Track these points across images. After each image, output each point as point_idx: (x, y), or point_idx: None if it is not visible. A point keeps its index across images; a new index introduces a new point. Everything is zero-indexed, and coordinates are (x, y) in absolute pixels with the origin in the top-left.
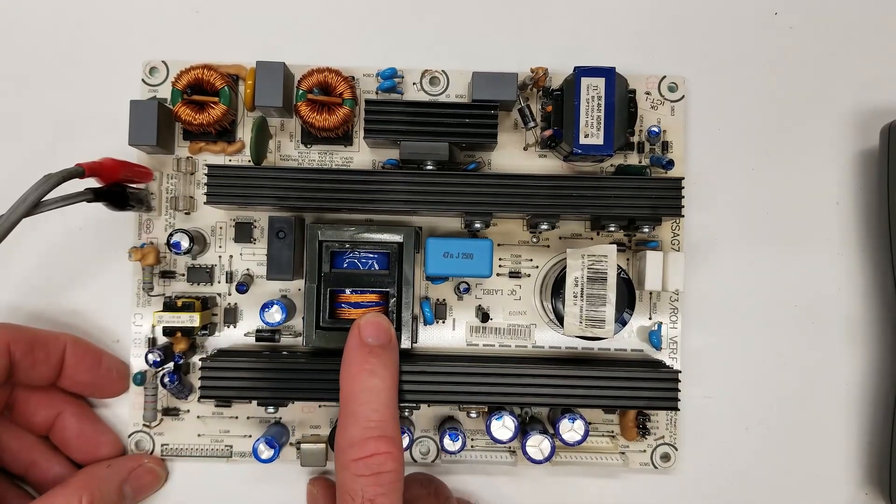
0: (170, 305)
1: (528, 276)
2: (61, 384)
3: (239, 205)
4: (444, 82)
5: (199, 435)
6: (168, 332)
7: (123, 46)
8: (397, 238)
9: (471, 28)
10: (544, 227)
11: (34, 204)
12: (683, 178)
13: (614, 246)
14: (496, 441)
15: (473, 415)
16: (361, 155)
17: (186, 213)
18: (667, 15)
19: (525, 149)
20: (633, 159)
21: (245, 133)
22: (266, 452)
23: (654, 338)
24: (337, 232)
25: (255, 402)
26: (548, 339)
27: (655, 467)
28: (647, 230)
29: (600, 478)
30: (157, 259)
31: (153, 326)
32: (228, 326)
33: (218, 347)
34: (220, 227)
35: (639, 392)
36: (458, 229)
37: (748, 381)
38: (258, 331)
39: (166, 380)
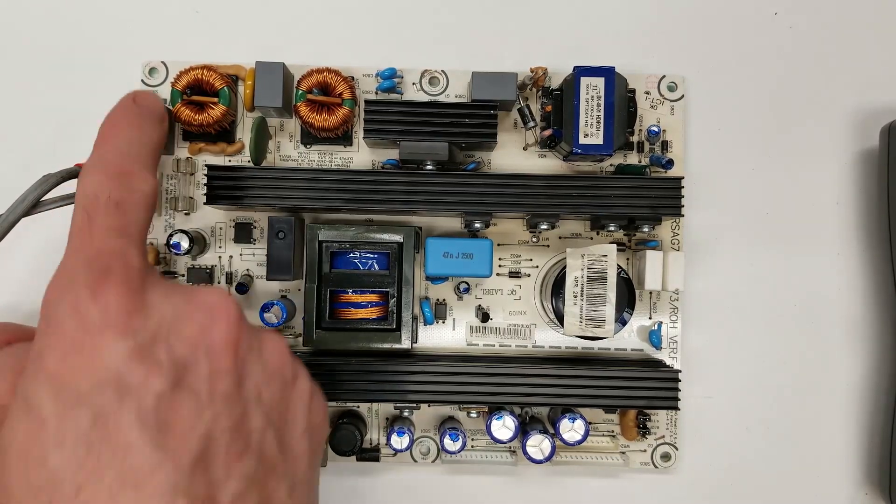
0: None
1: (528, 276)
2: None
3: (239, 205)
4: (443, 82)
5: None
6: None
7: (123, 47)
8: (397, 238)
9: (470, 28)
10: (544, 226)
11: (33, 204)
12: (683, 178)
13: (614, 246)
14: (496, 441)
15: (474, 415)
16: (361, 155)
17: (186, 214)
18: (667, 15)
19: (525, 149)
20: (632, 159)
21: (245, 133)
22: None
23: (654, 337)
24: (337, 232)
25: None
26: (548, 338)
27: (656, 467)
28: (646, 230)
29: (600, 478)
30: (157, 259)
31: None
32: None
33: None
34: (220, 228)
35: (639, 392)
36: (458, 229)
37: (748, 381)
38: None
39: None
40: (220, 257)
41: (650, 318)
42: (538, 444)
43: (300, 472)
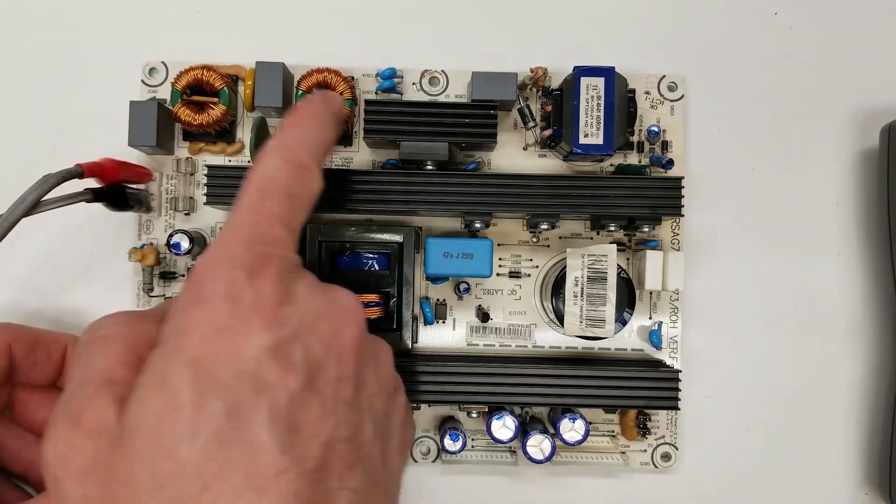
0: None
1: (528, 275)
2: (62, 384)
3: None
4: (443, 82)
5: None
6: None
7: (123, 47)
8: (397, 238)
9: (470, 28)
10: (544, 226)
11: (33, 204)
12: (683, 178)
13: (614, 245)
14: (497, 441)
15: (474, 415)
16: (361, 155)
17: (186, 214)
18: (666, 15)
19: (525, 149)
20: (632, 159)
21: (245, 133)
22: None
23: (654, 337)
24: (337, 232)
25: None
26: (548, 338)
27: (656, 467)
28: (646, 230)
29: (601, 478)
30: (157, 260)
31: None
32: None
33: None
34: (220, 228)
35: (639, 392)
36: (458, 229)
37: (748, 381)
38: None
39: None
40: None
41: (650, 318)
42: (538, 444)
43: (394, 488)
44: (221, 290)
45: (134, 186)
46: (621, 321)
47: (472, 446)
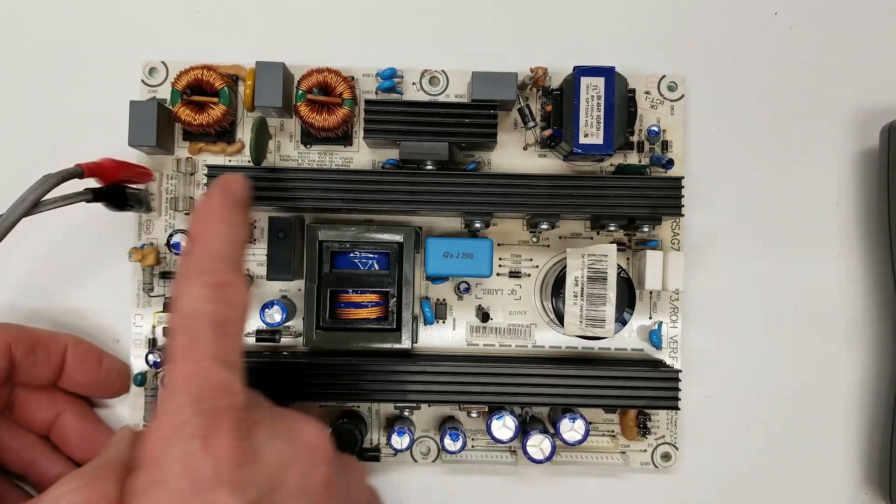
0: (170, 306)
1: (528, 275)
2: (62, 385)
3: None
4: (443, 82)
5: None
6: (168, 332)
7: (123, 47)
8: (397, 238)
9: (470, 28)
10: (544, 226)
11: (33, 204)
12: (683, 178)
13: (614, 245)
14: (497, 441)
15: (474, 415)
16: (361, 155)
17: (186, 214)
18: (666, 15)
19: (525, 148)
20: (632, 159)
21: (245, 133)
22: None
23: (654, 337)
24: (337, 232)
25: None
26: (548, 338)
27: (656, 467)
28: (647, 230)
29: (601, 477)
30: (158, 260)
31: (153, 327)
32: None
33: None
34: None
35: (639, 392)
36: (458, 229)
37: (748, 381)
38: (258, 331)
39: (166, 381)
40: None
41: (650, 318)
42: (538, 444)
43: None
44: (178, 467)
45: (134, 186)
46: (621, 321)
47: (472, 446)
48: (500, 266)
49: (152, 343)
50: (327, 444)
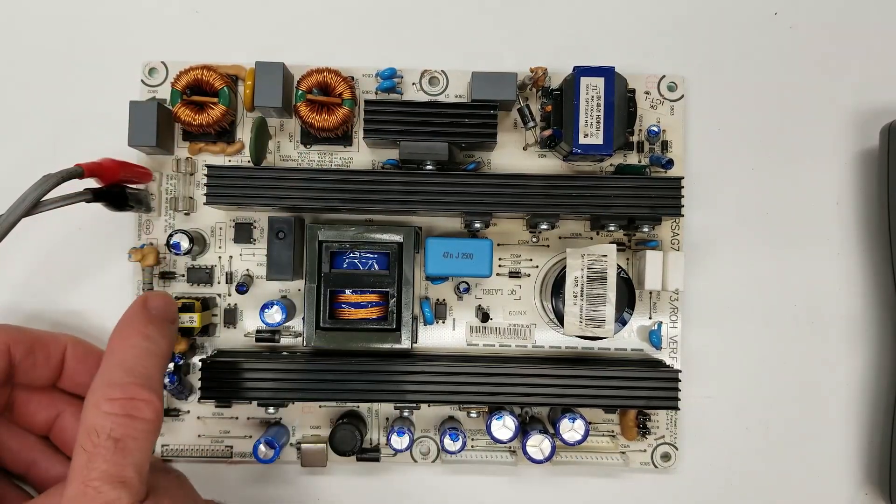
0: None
1: (528, 275)
2: (62, 385)
3: (238, 205)
4: (443, 82)
5: (199, 436)
6: None
7: (123, 47)
8: (397, 238)
9: (470, 28)
10: (544, 226)
11: (33, 204)
12: (683, 178)
13: (614, 245)
14: (496, 441)
15: (474, 415)
16: (361, 155)
17: (186, 214)
18: (666, 15)
19: (525, 149)
20: (632, 159)
21: (244, 133)
22: (267, 453)
23: (654, 337)
24: (337, 232)
25: (255, 403)
26: (548, 338)
27: (656, 467)
28: (646, 230)
29: (600, 477)
30: (157, 260)
31: None
32: (228, 327)
33: (218, 348)
34: (220, 228)
35: (639, 392)
36: (458, 229)
37: (748, 381)
38: (258, 331)
39: (166, 380)
40: (219, 257)
41: (650, 318)
42: (538, 444)
43: None
44: None
45: (134, 186)
46: (621, 321)
47: (472, 446)
48: (499, 266)
49: None
50: None
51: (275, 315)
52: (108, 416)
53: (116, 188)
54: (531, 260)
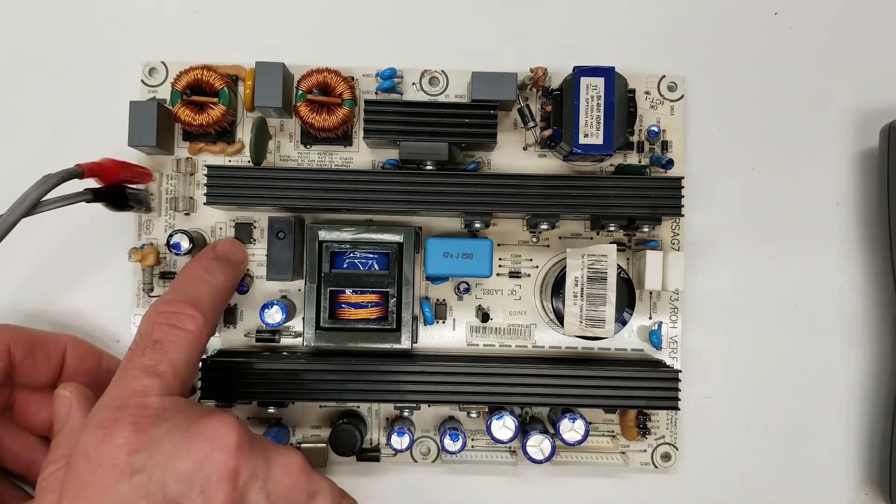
0: None
1: (528, 276)
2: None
3: (239, 205)
4: (443, 82)
5: None
6: None
7: (123, 47)
8: (397, 238)
9: (470, 28)
10: (544, 226)
11: (33, 204)
12: (683, 178)
13: (614, 245)
14: (497, 441)
15: (474, 415)
16: (361, 155)
17: (186, 214)
18: (666, 15)
19: (525, 149)
20: (632, 159)
21: (245, 133)
22: None
23: (654, 337)
24: (337, 232)
25: (255, 403)
26: (548, 338)
27: (656, 467)
28: (646, 230)
29: (601, 478)
30: (157, 260)
31: None
32: (228, 327)
33: (218, 348)
34: (220, 228)
35: (639, 392)
36: (458, 229)
37: (748, 381)
38: (258, 331)
39: None
40: None
41: (650, 318)
42: (538, 444)
43: None
44: (81, 451)
45: (134, 186)
46: (621, 321)
47: (472, 446)
48: (500, 266)
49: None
50: (230, 434)
51: (275, 315)
52: (153, 324)
53: (116, 188)
54: (531, 260)
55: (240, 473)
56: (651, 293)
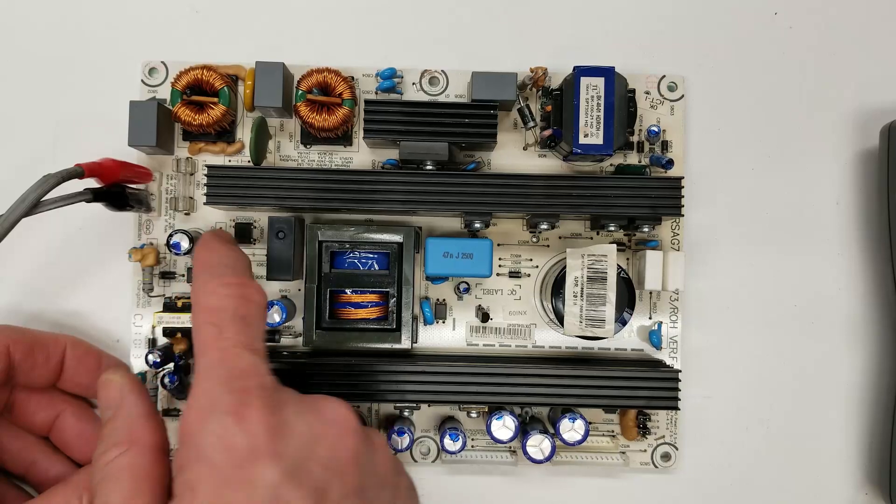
0: (170, 306)
1: (528, 275)
2: (61, 385)
3: (239, 205)
4: (443, 82)
5: None
6: (168, 332)
7: (123, 47)
8: (397, 238)
9: (470, 28)
10: (544, 226)
11: (33, 204)
12: (683, 178)
13: (614, 245)
14: (496, 441)
15: (474, 415)
16: (361, 155)
17: (186, 214)
18: (666, 15)
19: (525, 149)
20: (632, 159)
21: (245, 133)
22: None
23: (654, 337)
24: (337, 232)
25: None
26: (548, 338)
27: (656, 467)
28: (646, 230)
29: (600, 478)
30: (157, 260)
31: (153, 327)
32: None
33: None
34: (220, 228)
35: (639, 392)
36: (458, 229)
37: (748, 381)
38: None
39: (166, 380)
40: None
41: (650, 318)
42: (538, 444)
43: None
44: (214, 442)
45: (134, 186)
46: (621, 321)
47: (472, 446)
48: (499, 266)
49: (152, 343)
50: (352, 418)
51: (275, 315)
52: (228, 298)
53: (116, 188)
54: (531, 260)
55: (361, 458)
56: (651, 293)
